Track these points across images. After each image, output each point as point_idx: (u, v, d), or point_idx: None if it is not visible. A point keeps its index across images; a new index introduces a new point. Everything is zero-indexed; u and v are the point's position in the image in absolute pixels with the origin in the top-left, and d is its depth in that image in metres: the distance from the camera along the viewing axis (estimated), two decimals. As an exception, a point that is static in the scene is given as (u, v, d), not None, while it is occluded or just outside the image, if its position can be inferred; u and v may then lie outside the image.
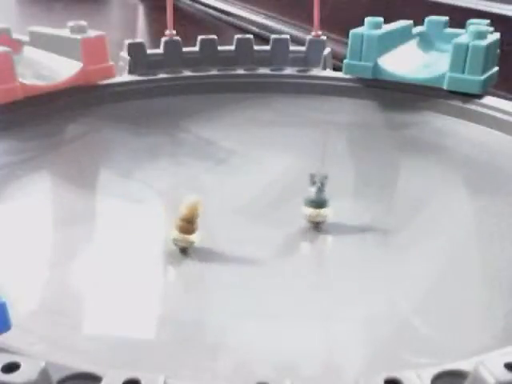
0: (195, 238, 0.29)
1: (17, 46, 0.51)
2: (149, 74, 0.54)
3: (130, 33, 1.06)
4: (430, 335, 0.24)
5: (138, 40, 0.55)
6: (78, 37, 0.48)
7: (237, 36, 0.56)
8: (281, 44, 0.56)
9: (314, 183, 0.30)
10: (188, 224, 0.28)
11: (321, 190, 0.30)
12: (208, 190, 0.37)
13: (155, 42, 0.57)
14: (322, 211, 0.31)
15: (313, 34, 0.55)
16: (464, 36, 0.47)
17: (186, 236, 0.29)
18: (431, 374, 0.18)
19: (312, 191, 0.31)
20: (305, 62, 0.56)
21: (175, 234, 0.29)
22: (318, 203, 0.31)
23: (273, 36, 0.57)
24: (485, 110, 0.45)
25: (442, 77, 0.47)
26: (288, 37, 0.57)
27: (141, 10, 1.31)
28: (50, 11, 1.19)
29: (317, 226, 0.31)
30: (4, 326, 0.20)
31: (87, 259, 0.30)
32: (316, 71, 0.55)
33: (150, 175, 0.39)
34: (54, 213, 0.35)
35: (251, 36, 0.57)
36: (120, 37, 0.61)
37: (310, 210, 0.31)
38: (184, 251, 0.29)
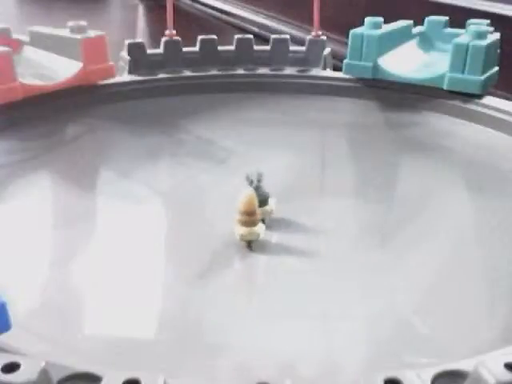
0: (260, 229, 0.29)
1: (17, 45, 0.51)
2: (149, 73, 0.54)
3: (130, 33, 1.06)
4: (430, 335, 0.24)
5: (138, 40, 0.55)
6: (78, 37, 0.48)
7: (237, 36, 0.56)
8: (281, 44, 0.56)
9: (251, 183, 0.30)
10: (250, 217, 0.29)
11: (258, 187, 0.31)
12: (208, 189, 0.37)
13: (155, 42, 0.57)
14: (266, 208, 0.31)
15: (313, 33, 0.55)
16: (464, 36, 0.47)
17: (252, 229, 0.29)
18: (431, 374, 0.18)
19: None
20: (305, 62, 0.56)
21: (240, 229, 0.29)
22: (258, 201, 0.31)
23: (273, 36, 0.57)
24: (485, 110, 0.45)
25: (442, 77, 0.47)
26: (288, 37, 0.57)
27: (141, 10, 1.31)
28: (50, 11, 1.19)
29: (263, 221, 0.32)
30: (4, 326, 0.20)
31: (87, 259, 0.30)
32: (316, 71, 0.55)
33: (150, 175, 0.39)
34: (54, 213, 0.35)
35: (251, 36, 0.57)
36: (120, 37, 0.61)
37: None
38: (250, 245, 0.29)
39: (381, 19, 0.50)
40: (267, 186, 0.31)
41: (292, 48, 0.56)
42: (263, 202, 0.31)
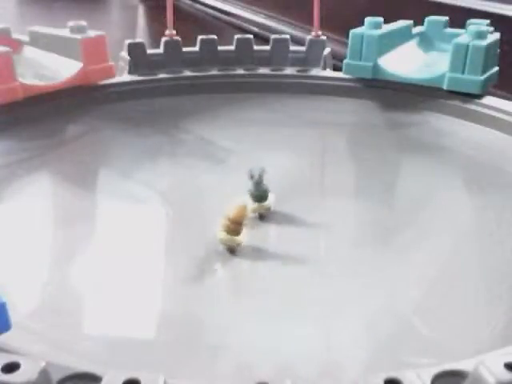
0: (242, 238, 0.29)
1: (17, 46, 0.51)
2: (149, 74, 0.54)
3: (130, 33, 1.06)
4: (430, 335, 0.24)
5: (138, 40, 0.55)
6: (78, 37, 0.48)
7: (237, 36, 0.56)
8: (281, 44, 0.56)
9: (252, 177, 0.31)
10: (236, 225, 0.29)
11: (259, 183, 0.31)
12: (208, 190, 0.37)
13: (155, 42, 0.57)
14: (265, 204, 0.32)
15: (313, 33, 0.55)
16: (464, 36, 0.47)
17: (234, 237, 0.29)
18: (431, 374, 0.18)
19: (251, 185, 0.31)
20: (305, 62, 0.56)
21: (223, 234, 0.29)
22: (258, 196, 0.31)
23: (273, 36, 0.57)
24: (485, 110, 0.45)
25: (442, 77, 0.47)
26: (288, 37, 0.57)
27: (141, 10, 1.31)
28: (50, 11, 1.19)
29: (261, 217, 0.32)
30: (4, 326, 0.20)
31: (87, 259, 0.30)
32: (316, 71, 0.55)
33: (150, 175, 0.39)
34: (54, 213, 0.36)
35: (251, 36, 0.56)
36: (120, 37, 0.61)
37: (252, 204, 0.32)
38: (232, 251, 0.29)
39: (381, 19, 0.50)
40: (268, 185, 0.31)
41: (292, 48, 0.56)
42: (263, 197, 0.32)
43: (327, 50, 0.55)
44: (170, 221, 0.34)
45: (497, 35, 0.48)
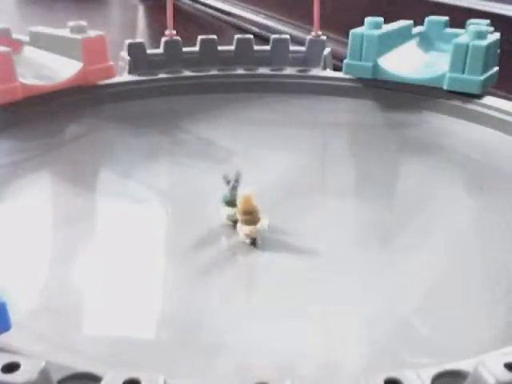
0: (262, 225, 0.30)
1: (17, 46, 0.51)
2: (149, 73, 0.54)
3: (130, 33, 1.06)
4: (430, 335, 0.24)
5: (138, 40, 0.55)
6: (78, 37, 0.48)
7: (237, 36, 0.56)
8: (281, 44, 0.56)
9: (228, 182, 0.31)
10: (249, 215, 0.29)
11: (234, 188, 0.31)
12: (208, 189, 0.37)
13: (155, 42, 0.57)
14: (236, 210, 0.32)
15: (313, 33, 0.55)
16: (464, 36, 0.47)
17: (254, 227, 0.29)
18: (431, 374, 0.18)
19: (226, 191, 0.31)
20: (305, 62, 0.56)
21: (244, 228, 0.29)
22: (231, 202, 0.31)
23: (273, 36, 0.57)
24: (485, 110, 0.45)
25: (442, 77, 0.47)
26: (288, 37, 0.57)
27: (141, 10, 1.31)
28: (50, 11, 1.19)
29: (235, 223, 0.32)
30: (4, 326, 0.20)
31: (87, 259, 0.30)
32: (316, 71, 0.55)
33: (150, 175, 0.39)
34: (54, 212, 0.35)
35: (251, 36, 0.56)
36: (120, 37, 0.61)
37: (228, 209, 0.31)
38: (253, 243, 0.30)
39: (381, 19, 0.50)
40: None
41: (292, 48, 0.56)
42: (235, 203, 0.31)
43: (327, 50, 0.55)
44: (170, 220, 0.34)
45: (497, 35, 0.48)
